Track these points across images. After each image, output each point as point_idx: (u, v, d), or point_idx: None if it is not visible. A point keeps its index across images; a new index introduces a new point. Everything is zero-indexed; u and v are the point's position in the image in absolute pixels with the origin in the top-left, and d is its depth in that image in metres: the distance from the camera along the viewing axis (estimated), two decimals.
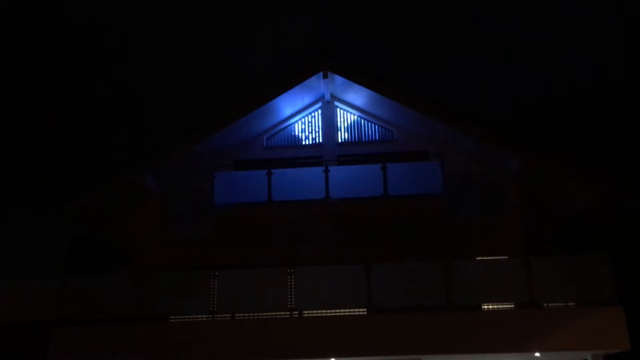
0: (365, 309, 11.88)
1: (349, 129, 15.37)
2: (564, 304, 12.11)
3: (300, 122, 15.47)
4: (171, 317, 12.55)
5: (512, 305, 12.23)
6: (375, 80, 14.46)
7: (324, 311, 12.14)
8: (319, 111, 15.45)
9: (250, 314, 12.29)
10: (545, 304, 11.91)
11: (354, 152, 14.87)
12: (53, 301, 12.25)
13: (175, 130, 15.43)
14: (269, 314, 12.17)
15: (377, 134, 15.27)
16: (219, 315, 12.04)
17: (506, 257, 12.84)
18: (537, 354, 11.37)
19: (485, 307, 12.41)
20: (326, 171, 13.60)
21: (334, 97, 15.40)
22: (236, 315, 12.31)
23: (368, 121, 15.36)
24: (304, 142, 15.31)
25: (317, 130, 15.39)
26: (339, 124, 15.37)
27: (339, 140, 15.19)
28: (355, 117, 15.45)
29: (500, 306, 12.30)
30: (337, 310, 12.09)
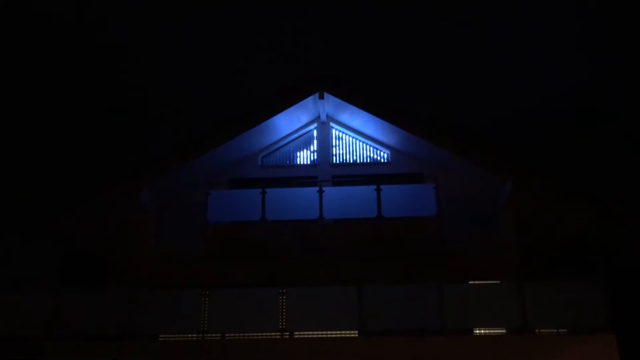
0: (357, 331, 11.82)
1: (344, 150, 15.42)
2: (556, 330, 12.06)
3: (295, 142, 15.53)
4: (161, 335, 12.46)
5: (504, 331, 12.17)
6: (370, 102, 14.55)
7: (315, 332, 12.07)
8: (315, 131, 15.52)
9: (241, 334, 12.20)
10: (537, 330, 11.87)
11: (348, 173, 14.90)
12: (44, 316, 12.17)
13: (170, 147, 15.41)
14: (259, 334, 12.09)
15: (372, 156, 15.33)
16: (209, 335, 11.95)
17: (499, 281, 12.82)
18: None
19: (478, 331, 12.35)
20: (320, 191, 13.61)
21: (330, 118, 15.48)
22: (226, 335, 12.22)
23: (363, 142, 15.43)
24: (298, 162, 15.35)
25: (312, 150, 15.44)
26: (334, 145, 15.43)
27: (334, 161, 15.24)
28: (351, 138, 15.52)
29: (492, 331, 12.24)
30: (329, 332, 12.02)
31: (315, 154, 15.36)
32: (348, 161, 15.28)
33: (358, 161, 15.28)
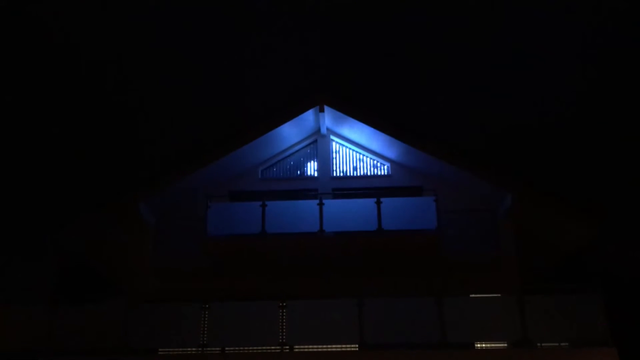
0: (357, 345, 11.77)
1: (344, 162, 15.43)
2: (557, 344, 12.02)
3: (295, 155, 15.53)
4: (160, 349, 12.38)
5: (506, 344, 12.13)
6: (370, 114, 14.58)
7: (315, 346, 12.01)
8: (315, 144, 15.53)
9: (241, 348, 12.13)
10: (538, 344, 11.83)
11: (348, 185, 14.89)
12: (41, 331, 12.10)
13: (169, 160, 15.41)
14: (259, 348, 12.03)
15: (372, 168, 15.34)
16: (209, 349, 11.89)
17: (500, 294, 12.79)
18: None
19: (478, 345, 12.31)
20: (320, 204, 13.58)
21: (330, 131, 15.50)
22: (226, 348, 12.15)
23: (363, 155, 15.45)
24: (299, 175, 15.35)
25: (312, 163, 15.45)
26: (334, 158, 15.44)
27: (334, 174, 15.24)
28: (351, 151, 15.54)
29: (493, 345, 12.20)
30: (329, 346, 11.97)
31: (316, 166, 15.37)
32: (348, 174, 15.28)
33: (358, 174, 15.28)
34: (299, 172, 15.41)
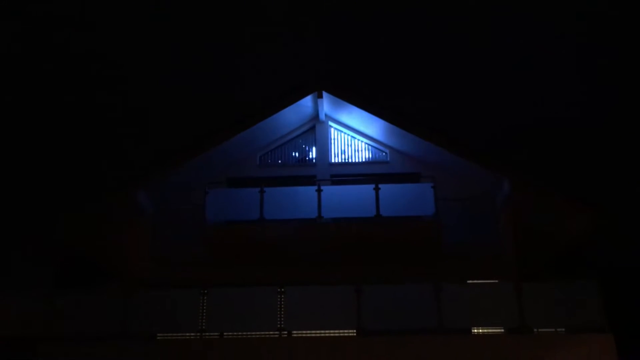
0: (355, 331, 11.81)
1: (343, 149, 15.42)
2: (554, 330, 12.07)
3: (294, 141, 15.51)
4: (159, 334, 12.43)
5: (502, 330, 12.18)
6: (369, 101, 14.54)
7: (313, 331, 12.06)
8: (313, 131, 15.51)
9: (239, 333, 12.18)
10: (535, 330, 11.88)
11: (347, 172, 14.89)
12: (39, 316, 12.12)
13: (168, 147, 15.39)
14: (258, 333, 12.07)
15: (370, 155, 15.32)
16: (207, 334, 11.93)
17: (497, 281, 12.83)
18: None
19: (476, 331, 12.36)
20: (319, 190, 13.59)
21: (328, 117, 15.47)
22: (225, 334, 12.20)
23: (362, 141, 15.43)
24: (297, 161, 15.33)
25: (310, 149, 15.43)
26: (332, 144, 15.42)
27: (333, 160, 15.23)
28: (349, 137, 15.52)
29: (490, 330, 12.25)
30: (327, 331, 12.01)
31: (314, 153, 15.35)
32: (346, 160, 15.28)
33: (356, 160, 15.27)
34: (297, 158, 15.40)
